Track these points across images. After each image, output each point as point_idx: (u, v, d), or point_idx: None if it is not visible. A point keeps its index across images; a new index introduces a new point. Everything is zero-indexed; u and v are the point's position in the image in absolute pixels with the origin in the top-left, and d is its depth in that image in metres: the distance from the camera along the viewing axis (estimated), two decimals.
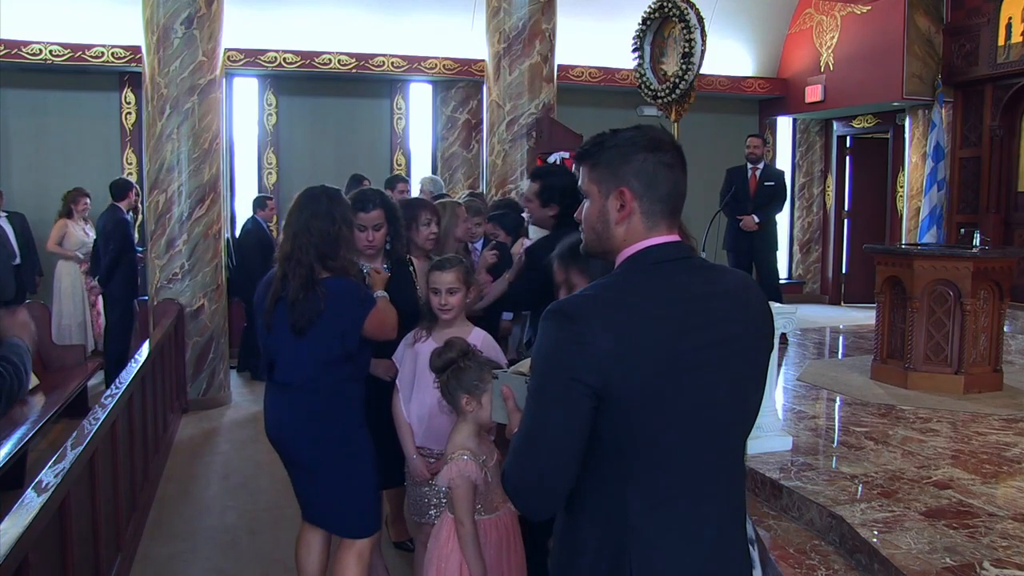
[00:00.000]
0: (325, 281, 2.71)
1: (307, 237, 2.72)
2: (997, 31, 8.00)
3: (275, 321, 2.76)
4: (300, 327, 2.70)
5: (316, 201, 2.77)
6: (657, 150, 1.45)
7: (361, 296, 2.80)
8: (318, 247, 2.72)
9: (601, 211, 1.48)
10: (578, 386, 1.34)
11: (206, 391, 6.44)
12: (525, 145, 7.49)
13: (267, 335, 2.80)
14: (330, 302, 2.69)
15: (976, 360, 5.07)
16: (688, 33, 6.01)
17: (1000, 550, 2.77)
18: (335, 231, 2.74)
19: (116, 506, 3.48)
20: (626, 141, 1.46)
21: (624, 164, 1.45)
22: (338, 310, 2.71)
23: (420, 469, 2.95)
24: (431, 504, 2.97)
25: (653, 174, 1.44)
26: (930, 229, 8.45)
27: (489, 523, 2.56)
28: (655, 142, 1.46)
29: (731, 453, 1.48)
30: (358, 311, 2.77)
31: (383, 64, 8.95)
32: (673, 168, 1.45)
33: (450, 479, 2.48)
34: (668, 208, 1.46)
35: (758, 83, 10.59)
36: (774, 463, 3.65)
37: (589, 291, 1.41)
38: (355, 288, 2.80)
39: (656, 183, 1.44)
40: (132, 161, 8.58)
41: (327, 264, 2.73)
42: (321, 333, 2.71)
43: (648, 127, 1.50)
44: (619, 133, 1.48)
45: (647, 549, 1.39)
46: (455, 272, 2.91)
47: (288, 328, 2.72)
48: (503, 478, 1.45)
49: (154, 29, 6.13)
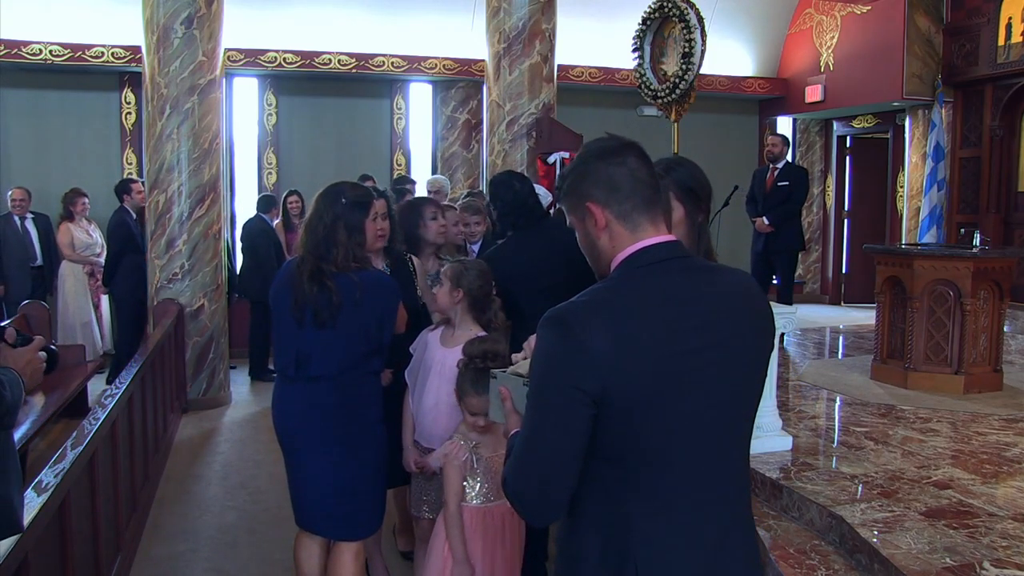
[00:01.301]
0: (345, 274, 2.73)
1: (312, 234, 2.76)
2: (997, 31, 8.00)
3: (306, 315, 2.75)
4: (323, 320, 2.71)
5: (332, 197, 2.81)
6: (605, 155, 1.47)
7: (394, 286, 2.90)
8: (318, 243, 2.75)
9: (585, 234, 1.51)
10: (576, 393, 1.34)
11: (206, 391, 6.44)
12: (525, 145, 7.49)
13: (297, 331, 2.77)
14: (366, 292, 2.72)
15: (976, 360, 5.07)
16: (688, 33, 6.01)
17: (1000, 550, 2.77)
18: (350, 227, 2.77)
19: (116, 506, 3.48)
20: (576, 162, 1.50)
21: (581, 182, 1.48)
22: (374, 300, 2.75)
23: (408, 460, 3.03)
24: (423, 500, 3.04)
25: (608, 178, 1.45)
26: (930, 229, 8.45)
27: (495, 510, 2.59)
28: (601, 150, 1.48)
29: (733, 455, 1.48)
30: (395, 300, 2.85)
31: (383, 64, 8.95)
32: (625, 164, 1.45)
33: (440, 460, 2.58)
34: (640, 204, 1.45)
35: (758, 83, 10.59)
36: (774, 463, 3.65)
37: (584, 297, 1.41)
38: (387, 278, 2.93)
39: (615, 185, 1.45)
40: (132, 161, 8.57)
41: (338, 260, 2.74)
42: (355, 325, 2.73)
43: (599, 140, 1.51)
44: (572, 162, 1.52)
45: (651, 554, 1.38)
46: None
47: (315, 323, 2.72)
48: (504, 484, 1.45)
49: (154, 29, 6.13)
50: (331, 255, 2.74)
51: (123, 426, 3.74)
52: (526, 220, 3.31)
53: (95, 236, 7.57)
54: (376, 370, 2.88)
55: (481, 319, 2.98)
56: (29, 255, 7.32)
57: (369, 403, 2.84)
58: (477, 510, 2.60)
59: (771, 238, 7.39)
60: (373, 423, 2.85)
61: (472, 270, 2.96)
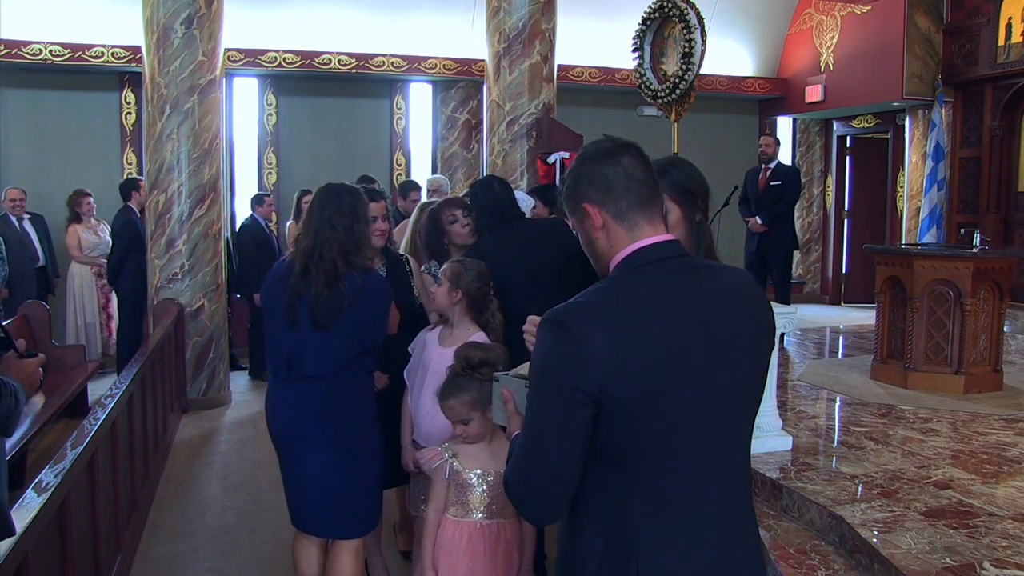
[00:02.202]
0: (351, 274, 2.74)
1: (332, 233, 2.74)
2: (997, 31, 8.00)
3: (299, 317, 2.75)
4: (323, 323, 2.71)
5: (339, 198, 2.80)
6: (599, 156, 1.47)
7: (389, 286, 2.92)
8: (342, 244, 2.74)
9: (585, 236, 1.51)
10: (575, 394, 1.34)
11: (206, 391, 6.44)
12: (525, 145, 7.49)
13: (289, 331, 2.77)
14: (365, 293, 2.73)
15: (976, 360, 5.07)
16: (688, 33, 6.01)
17: (1000, 550, 2.77)
18: (360, 228, 2.79)
19: (116, 506, 3.48)
20: (573, 166, 1.50)
21: (577, 185, 1.49)
22: (370, 300, 2.76)
23: (407, 459, 3.05)
24: (422, 499, 3.01)
25: (603, 178, 1.45)
26: (930, 229, 8.45)
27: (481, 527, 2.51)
28: (596, 152, 1.48)
29: (734, 454, 1.48)
30: (388, 300, 2.86)
31: (383, 64, 8.94)
32: (619, 164, 1.45)
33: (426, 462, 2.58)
34: (635, 202, 1.45)
35: (758, 83, 10.59)
36: (774, 463, 3.65)
37: (583, 298, 1.41)
38: (384, 279, 2.94)
39: (609, 185, 1.45)
40: (132, 161, 8.57)
41: (350, 260, 2.75)
42: (351, 325, 2.73)
43: (595, 142, 1.51)
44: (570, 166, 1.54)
45: (652, 553, 1.38)
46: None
47: (310, 324, 2.72)
48: (505, 485, 1.45)
49: (154, 29, 6.13)
50: (360, 253, 2.77)
51: (123, 426, 3.74)
52: (500, 221, 3.44)
53: (103, 235, 7.55)
54: (369, 369, 2.89)
55: (479, 319, 2.99)
56: (31, 256, 7.31)
57: (363, 402, 2.84)
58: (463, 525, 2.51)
59: (764, 238, 7.40)
60: (367, 422, 2.85)
61: (471, 271, 2.96)
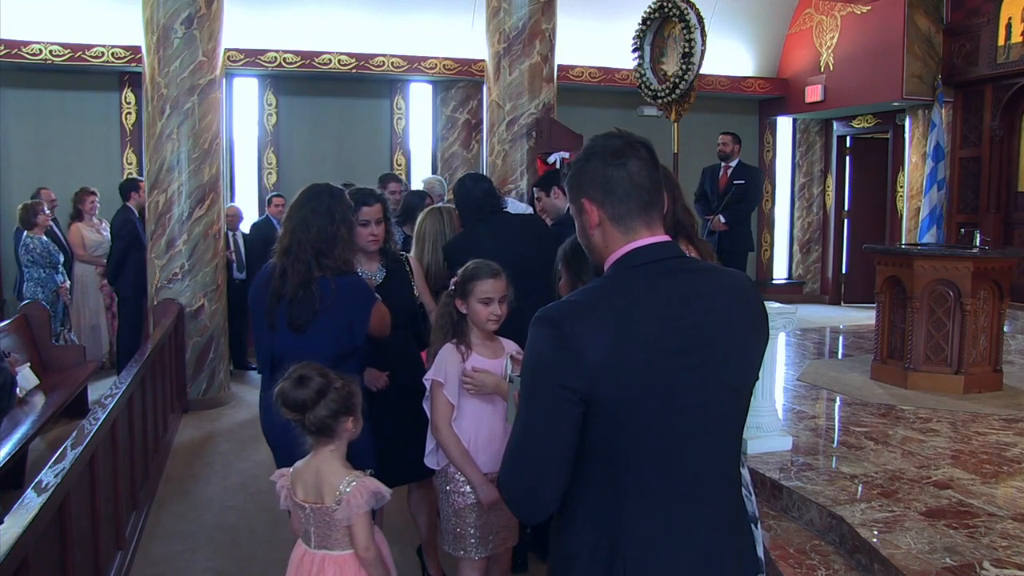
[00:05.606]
0: (324, 278, 2.71)
1: (305, 233, 2.72)
2: (997, 31, 8.00)
3: (278, 319, 2.74)
4: (298, 324, 2.70)
5: (317, 198, 2.78)
6: (606, 155, 1.46)
7: (367, 289, 2.88)
8: (315, 244, 2.72)
9: (581, 227, 1.51)
10: (565, 392, 1.34)
11: (206, 391, 6.44)
12: (525, 145, 7.49)
13: (271, 333, 2.77)
14: (340, 296, 2.70)
15: (976, 360, 5.07)
16: (688, 33, 6.01)
17: (1000, 550, 2.77)
18: (333, 230, 2.74)
19: (116, 506, 3.48)
20: (582, 156, 1.49)
21: (581, 178, 1.48)
22: (348, 303, 2.73)
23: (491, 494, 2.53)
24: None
25: (606, 179, 1.45)
26: (930, 229, 8.46)
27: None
28: (604, 149, 1.47)
29: (724, 454, 1.48)
30: (366, 303, 2.81)
31: (383, 64, 8.95)
32: (625, 167, 1.44)
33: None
34: (636, 208, 1.45)
35: (758, 83, 10.59)
36: (774, 463, 3.65)
37: (575, 296, 1.42)
38: (361, 282, 2.88)
39: (612, 187, 1.44)
40: (132, 161, 8.57)
41: (322, 262, 2.72)
42: (330, 328, 2.71)
43: (607, 136, 1.49)
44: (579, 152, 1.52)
45: (640, 551, 1.39)
46: (504, 278, 2.63)
47: (287, 325, 2.71)
48: (498, 484, 1.46)
49: (154, 29, 6.13)
50: (332, 254, 2.73)
51: (123, 426, 3.73)
52: (477, 215, 3.61)
53: (106, 234, 7.55)
54: (353, 370, 2.84)
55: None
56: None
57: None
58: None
59: (724, 238, 7.16)
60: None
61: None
